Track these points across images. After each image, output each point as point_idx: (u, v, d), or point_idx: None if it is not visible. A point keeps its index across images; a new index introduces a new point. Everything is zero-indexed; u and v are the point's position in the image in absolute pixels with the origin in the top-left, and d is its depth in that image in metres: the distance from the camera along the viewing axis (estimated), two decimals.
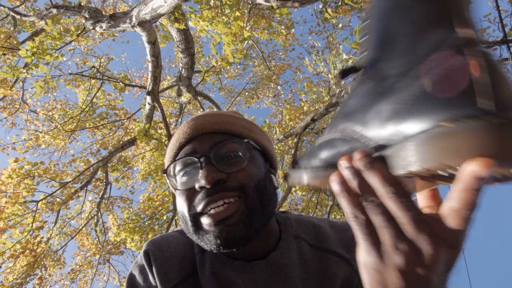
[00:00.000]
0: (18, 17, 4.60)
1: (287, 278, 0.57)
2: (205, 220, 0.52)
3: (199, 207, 0.53)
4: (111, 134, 5.91)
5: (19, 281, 4.79)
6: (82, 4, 3.71)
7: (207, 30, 2.72)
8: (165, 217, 4.85)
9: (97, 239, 5.87)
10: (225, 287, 0.56)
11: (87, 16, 3.32)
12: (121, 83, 4.46)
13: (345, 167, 0.32)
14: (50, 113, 6.04)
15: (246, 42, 3.44)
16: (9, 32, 4.91)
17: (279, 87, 7.41)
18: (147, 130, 3.90)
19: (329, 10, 2.93)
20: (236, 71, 7.30)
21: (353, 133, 0.34)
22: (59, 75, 5.11)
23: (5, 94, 5.28)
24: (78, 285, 6.01)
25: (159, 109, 3.75)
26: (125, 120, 5.85)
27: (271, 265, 0.57)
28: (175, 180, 0.59)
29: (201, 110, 4.82)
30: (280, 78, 7.40)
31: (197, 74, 5.09)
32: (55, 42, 3.23)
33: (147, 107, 4.01)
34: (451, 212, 0.27)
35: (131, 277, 0.61)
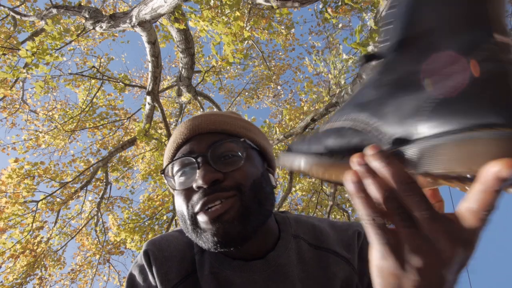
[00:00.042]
0: (18, 17, 4.60)
1: (286, 278, 0.57)
2: (201, 217, 0.52)
3: (196, 207, 0.53)
4: (111, 134, 5.91)
5: (19, 281, 4.79)
6: (82, 4, 3.71)
7: (207, 30, 2.72)
8: (165, 217, 4.85)
9: (97, 239, 5.87)
10: (224, 286, 0.57)
11: (87, 16, 3.32)
12: (121, 83, 4.46)
13: (359, 163, 0.31)
14: (50, 113, 6.04)
15: (246, 42, 3.44)
16: (9, 32, 4.91)
17: (279, 87, 7.42)
18: (147, 130, 3.90)
19: (329, 10, 2.92)
20: (236, 71, 7.30)
21: (366, 124, 0.32)
22: (59, 75, 5.12)
23: (5, 94, 5.28)
24: (78, 285, 6.02)
25: (159, 109, 3.75)
26: (125, 120, 5.85)
27: (269, 264, 0.57)
28: (173, 181, 0.59)
29: (201, 110, 4.82)
30: (280, 78, 7.40)
31: (197, 74, 5.09)
32: (55, 42, 3.23)
33: (147, 107, 4.01)
34: (468, 213, 0.27)
35: (131, 277, 0.61)
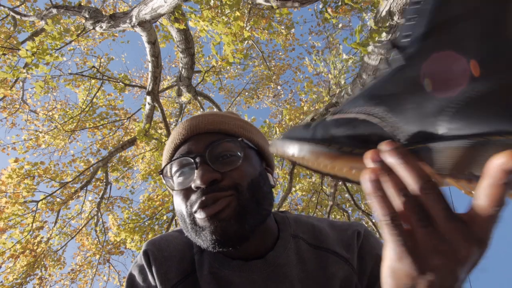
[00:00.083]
0: (18, 17, 4.60)
1: (285, 278, 0.57)
2: (199, 215, 0.53)
3: (195, 206, 0.53)
4: (111, 134, 5.91)
5: (19, 281, 4.79)
6: (82, 4, 3.71)
7: (207, 30, 2.72)
8: (165, 217, 4.85)
9: (97, 239, 5.87)
10: (223, 286, 0.57)
11: (87, 16, 3.32)
12: (121, 83, 4.46)
13: (374, 159, 0.30)
14: (50, 113, 6.04)
15: (246, 42, 3.44)
16: (9, 32, 4.91)
17: (279, 87, 7.42)
18: (147, 130, 3.90)
19: (329, 10, 2.92)
20: (236, 71, 7.30)
21: (382, 119, 0.31)
22: (59, 75, 5.11)
23: (5, 94, 5.28)
24: (78, 285, 6.02)
25: (159, 109, 3.75)
26: (125, 120, 5.85)
27: (269, 264, 0.58)
28: (172, 181, 0.59)
29: (201, 110, 4.82)
30: (280, 78, 7.41)
31: (197, 74, 5.08)
32: (55, 42, 3.23)
33: (147, 107, 4.01)
34: (479, 210, 0.27)
35: (131, 277, 0.61)
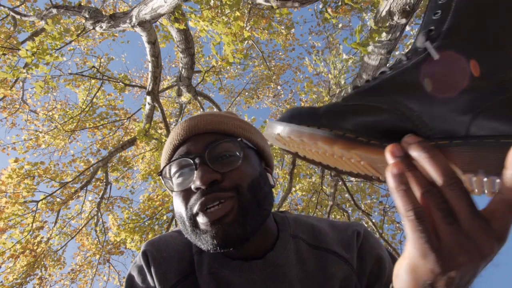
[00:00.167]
0: (18, 17, 4.60)
1: (284, 278, 0.57)
2: (201, 219, 0.52)
3: (195, 208, 0.53)
4: (111, 134, 5.91)
5: (19, 281, 4.79)
6: (82, 4, 3.71)
7: (207, 30, 2.72)
8: (165, 217, 4.85)
9: (97, 239, 5.86)
10: (223, 286, 0.56)
11: (87, 16, 3.31)
12: (121, 83, 4.46)
13: (397, 153, 0.29)
14: (50, 113, 6.04)
15: (246, 42, 3.43)
16: (9, 32, 4.91)
17: (279, 87, 7.42)
18: (147, 130, 3.90)
19: (329, 10, 2.92)
20: (236, 71, 7.29)
21: (408, 111, 0.31)
22: (59, 75, 5.11)
23: (5, 94, 5.28)
24: (78, 285, 6.02)
25: (159, 109, 3.75)
26: (125, 120, 5.85)
27: (268, 264, 0.57)
28: (171, 182, 0.59)
29: (201, 110, 4.82)
30: (280, 78, 7.40)
31: (197, 74, 5.08)
32: (55, 42, 3.22)
33: (147, 107, 4.01)
34: (500, 204, 0.27)
35: (130, 278, 0.61)
